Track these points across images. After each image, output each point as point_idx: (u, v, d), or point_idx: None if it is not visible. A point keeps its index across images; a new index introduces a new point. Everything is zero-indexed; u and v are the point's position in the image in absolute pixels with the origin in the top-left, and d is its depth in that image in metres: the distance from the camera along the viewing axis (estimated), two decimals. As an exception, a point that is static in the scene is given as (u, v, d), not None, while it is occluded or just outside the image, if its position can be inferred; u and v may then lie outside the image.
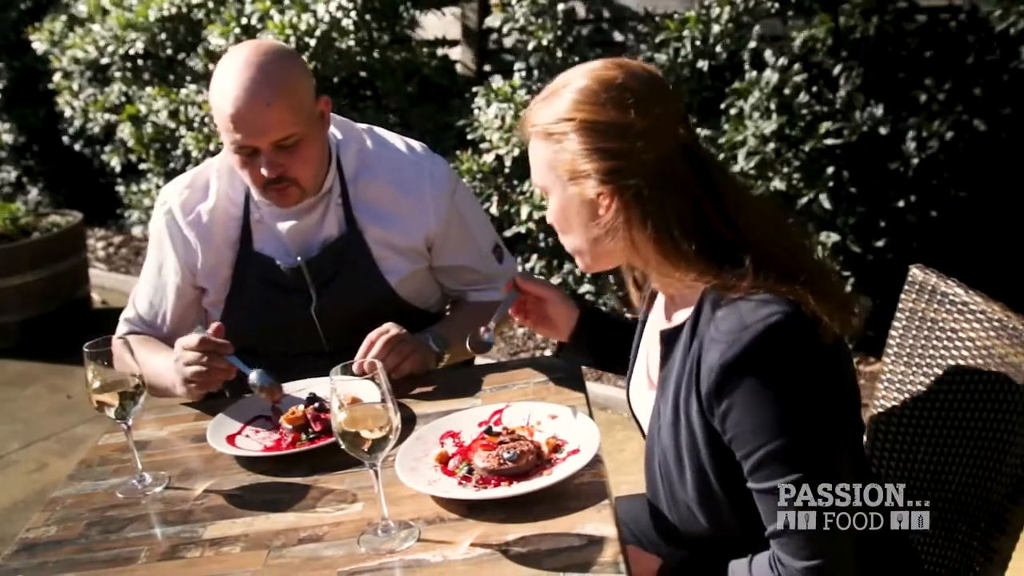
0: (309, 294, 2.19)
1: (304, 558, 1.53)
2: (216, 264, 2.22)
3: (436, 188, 2.23)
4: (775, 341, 1.37)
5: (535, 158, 1.56)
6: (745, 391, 1.38)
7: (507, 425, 1.79)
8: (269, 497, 1.72)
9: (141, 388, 1.76)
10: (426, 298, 2.32)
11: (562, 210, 1.56)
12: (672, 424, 1.52)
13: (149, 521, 1.71)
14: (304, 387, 2.03)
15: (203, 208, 2.21)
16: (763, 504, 1.44)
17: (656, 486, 1.60)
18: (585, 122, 1.47)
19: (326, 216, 2.19)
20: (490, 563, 1.45)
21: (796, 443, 1.39)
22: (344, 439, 1.49)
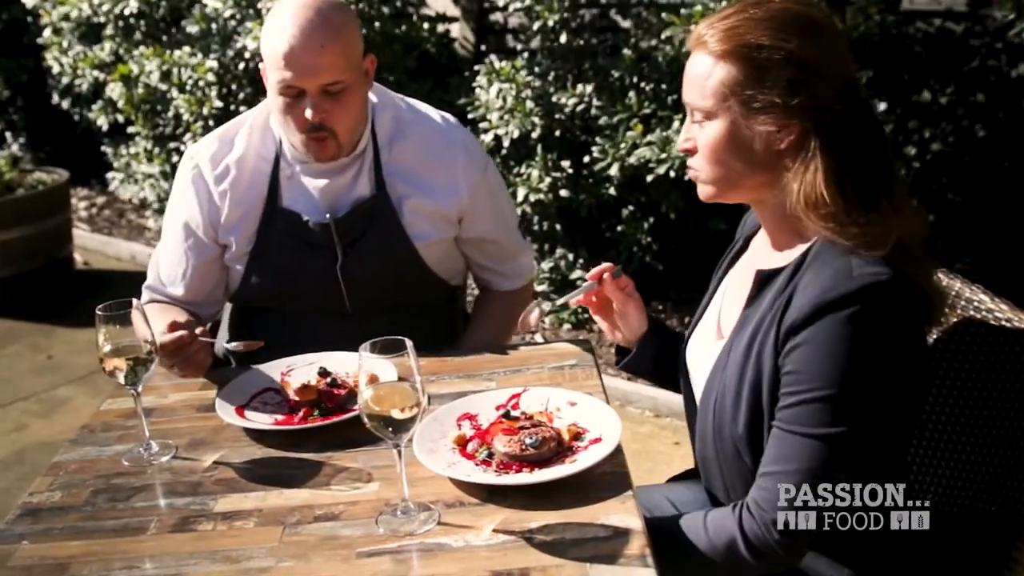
0: (335, 253, 2.17)
1: (321, 536, 1.50)
2: (241, 218, 2.20)
3: (470, 160, 2.24)
4: (874, 298, 1.38)
5: (710, 76, 1.49)
6: (826, 332, 1.38)
7: (525, 410, 1.77)
8: (281, 472, 1.69)
9: (153, 355, 1.72)
10: (450, 268, 2.31)
11: (727, 137, 1.50)
12: (741, 362, 1.51)
13: (157, 491, 1.67)
14: (315, 361, 2.00)
15: (231, 160, 2.20)
16: (781, 446, 1.44)
17: (706, 427, 1.59)
18: (794, 54, 1.44)
19: (358, 177, 2.19)
20: (514, 550, 1.43)
21: (852, 398, 1.39)
22: (370, 418, 1.45)
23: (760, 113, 1.46)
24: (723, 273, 1.77)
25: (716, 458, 1.57)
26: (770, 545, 1.45)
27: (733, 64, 1.47)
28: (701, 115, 1.52)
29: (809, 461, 1.42)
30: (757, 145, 1.49)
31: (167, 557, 1.48)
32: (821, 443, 1.41)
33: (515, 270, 2.40)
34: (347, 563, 1.43)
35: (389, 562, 1.43)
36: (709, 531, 1.50)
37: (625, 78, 4.11)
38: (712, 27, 1.49)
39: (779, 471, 1.44)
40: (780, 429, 1.44)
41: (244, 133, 2.23)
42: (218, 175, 2.20)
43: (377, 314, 2.21)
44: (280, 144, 2.19)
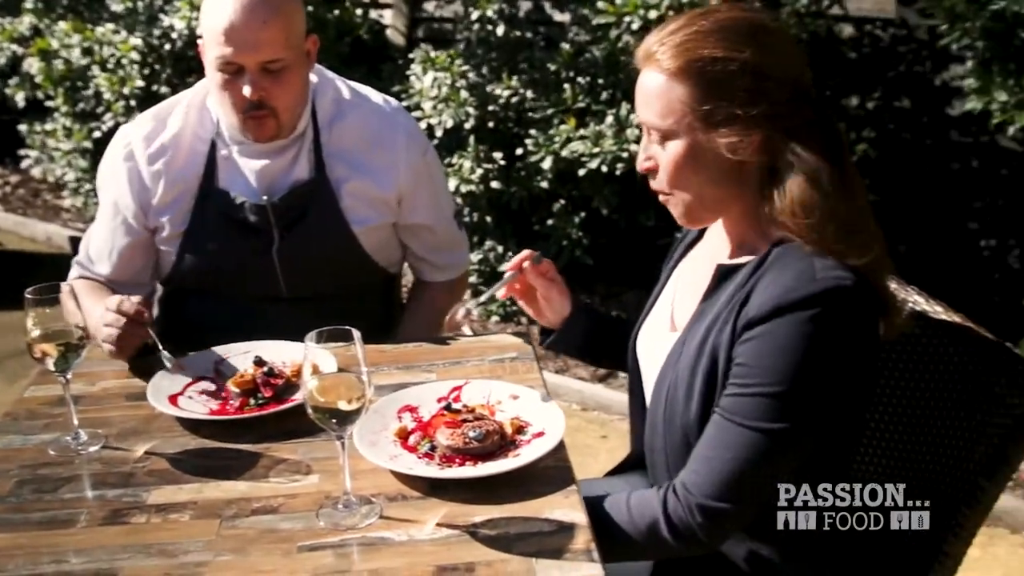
0: (272, 235, 2.14)
1: (260, 530, 1.47)
2: (175, 198, 2.15)
3: (411, 145, 2.22)
4: (836, 302, 1.39)
5: (664, 96, 1.46)
6: (784, 330, 1.39)
7: (467, 403, 1.75)
8: (217, 463, 1.64)
9: (85, 340, 1.66)
10: (387, 255, 2.29)
11: (690, 155, 1.47)
12: (695, 354, 1.51)
13: (87, 482, 1.61)
14: (250, 349, 1.96)
15: (166, 139, 2.16)
16: (719, 433, 1.45)
17: (656, 417, 1.59)
18: (748, 63, 1.43)
19: (297, 159, 2.15)
20: (458, 545, 1.41)
21: (799, 397, 1.41)
22: (315, 409, 1.42)
23: (721, 126, 1.45)
24: (674, 264, 1.77)
25: (664, 448, 1.58)
26: (692, 528, 1.46)
27: (688, 80, 1.44)
28: (659, 135, 1.50)
29: (745, 452, 1.43)
30: (721, 159, 1.47)
31: (98, 551, 1.43)
32: (761, 436, 1.42)
33: (450, 261, 2.39)
34: (287, 557, 1.40)
35: (331, 556, 1.40)
36: (632, 512, 1.50)
37: (561, 72, 4.11)
38: (662, 43, 1.46)
39: (713, 457, 1.45)
40: (722, 417, 1.45)
41: (180, 112, 2.18)
42: (151, 155, 2.15)
43: (313, 300, 2.18)
44: (218, 124, 2.15)
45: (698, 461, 1.47)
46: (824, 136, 1.47)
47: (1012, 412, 1.54)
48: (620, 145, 3.79)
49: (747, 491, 1.44)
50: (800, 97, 1.47)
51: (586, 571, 1.35)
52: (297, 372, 1.85)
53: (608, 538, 1.45)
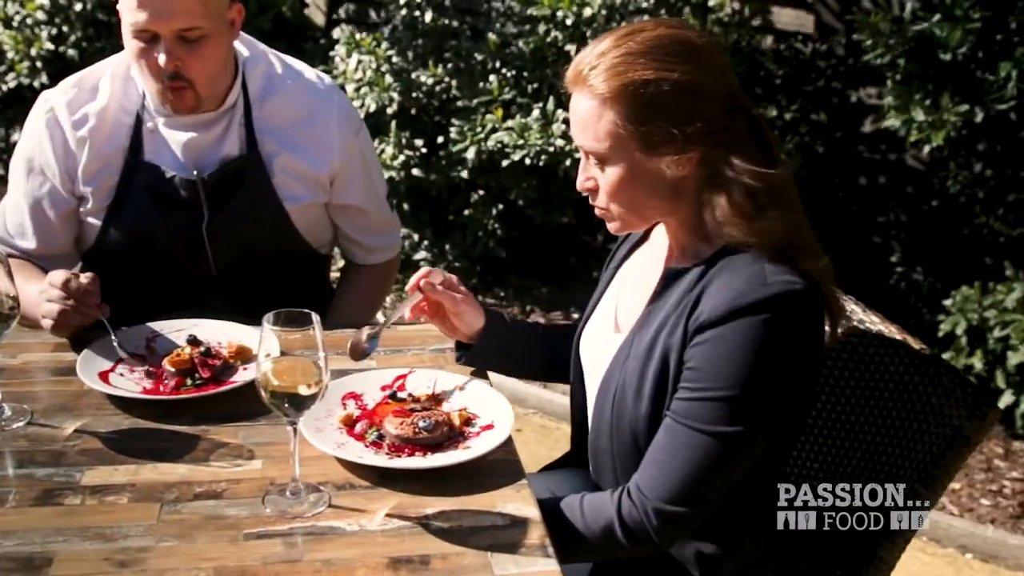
0: (201, 212, 2.07)
1: (204, 515, 1.42)
2: (99, 170, 2.06)
3: (343, 123, 2.17)
4: (787, 306, 1.41)
5: (599, 121, 1.46)
6: (735, 334, 1.40)
7: (412, 392, 1.73)
8: (153, 445, 1.58)
9: (16, 311, 1.58)
10: (319, 235, 2.24)
11: (628, 177, 1.48)
12: (644, 357, 1.51)
13: (13, 460, 1.53)
14: (183, 328, 1.89)
15: (91, 109, 2.06)
16: (671, 437, 1.46)
17: (602, 419, 1.59)
18: (680, 82, 1.42)
19: (227, 133, 2.08)
20: (411, 536, 1.39)
21: (750, 401, 1.42)
22: (271, 393, 1.38)
23: (658, 147, 1.45)
24: (617, 265, 1.77)
25: (610, 449, 1.58)
26: (647, 531, 1.47)
27: (621, 104, 1.44)
28: (597, 159, 1.50)
29: (699, 456, 1.44)
30: (659, 177, 1.48)
31: (31, 533, 1.36)
32: (712, 440, 1.44)
33: (382, 243, 2.35)
34: (235, 545, 1.36)
35: (280, 545, 1.36)
36: (586, 514, 1.51)
37: (487, 62, 4.09)
38: (592, 66, 1.46)
39: (666, 461, 1.46)
40: (674, 421, 1.46)
41: (106, 82, 2.09)
42: (76, 121, 2.06)
43: (242, 279, 2.13)
44: (144, 96, 2.07)
45: (652, 465, 1.47)
46: (759, 143, 1.49)
47: (950, 422, 1.59)
48: (546, 139, 3.79)
49: (701, 494, 1.46)
50: (733, 109, 1.48)
51: (542, 567, 1.35)
52: (236, 353, 1.80)
53: (562, 539, 1.44)
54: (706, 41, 1.52)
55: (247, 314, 1.93)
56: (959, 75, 3.27)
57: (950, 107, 3.15)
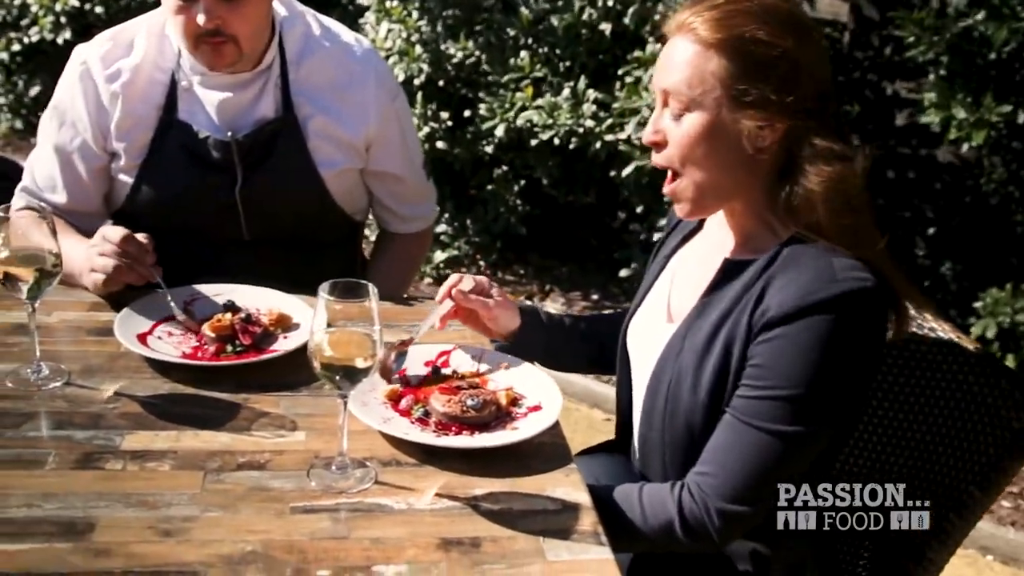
0: (235, 175, 2.02)
1: (248, 486, 1.38)
2: (133, 127, 2.02)
3: (380, 88, 2.12)
4: (857, 304, 1.37)
5: (698, 64, 1.42)
6: (804, 332, 1.37)
7: (456, 369, 1.69)
8: (193, 411, 1.55)
9: (59, 268, 1.54)
10: (354, 201, 2.19)
11: (708, 131, 1.43)
12: (701, 350, 1.47)
13: (51, 420, 1.49)
14: (220, 292, 1.85)
15: (125, 64, 2.02)
16: (733, 435, 1.42)
17: (654, 411, 1.55)
18: (791, 53, 1.39)
19: (262, 95, 2.04)
20: (461, 518, 1.36)
21: (815, 400, 1.39)
22: (325, 365, 1.33)
23: (749, 108, 1.41)
24: (668, 255, 1.72)
25: (661, 440, 1.54)
26: (708, 530, 1.44)
27: (727, 55, 1.41)
28: (680, 105, 1.45)
29: (761, 455, 1.41)
30: (738, 143, 1.43)
31: (72, 497, 1.33)
32: (775, 439, 1.40)
33: (417, 212, 2.31)
34: (281, 518, 1.32)
35: (327, 521, 1.33)
36: (645, 507, 1.48)
37: (519, 38, 4.03)
38: (700, 14, 1.43)
39: (728, 460, 1.42)
40: (736, 419, 1.43)
41: (141, 38, 2.05)
42: (109, 75, 2.02)
43: (273, 244, 2.10)
44: (179, 53, 2.02)
45: (713, 464, 1.44)
46: (840, 131, 1.46)
47: (1009, 425, 1.55)
48: (576, 120, 3.73)
49: (763, 494, 1.43)
50: (825, 94, 1.44)
51: (595, 554, 1.32)
52: (276, 321, 1.76)
53: (615, 529, 1.41)
54: (815, 25, 1.50)
55: (279, 280, 1.90)
56: (1003, 74, 3.21)
57: (992, 106, 3.09)
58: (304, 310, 1.81)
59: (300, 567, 1.24)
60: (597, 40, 3.95)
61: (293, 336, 1.74)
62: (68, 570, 1.20)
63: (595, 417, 3.48)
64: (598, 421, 3.45)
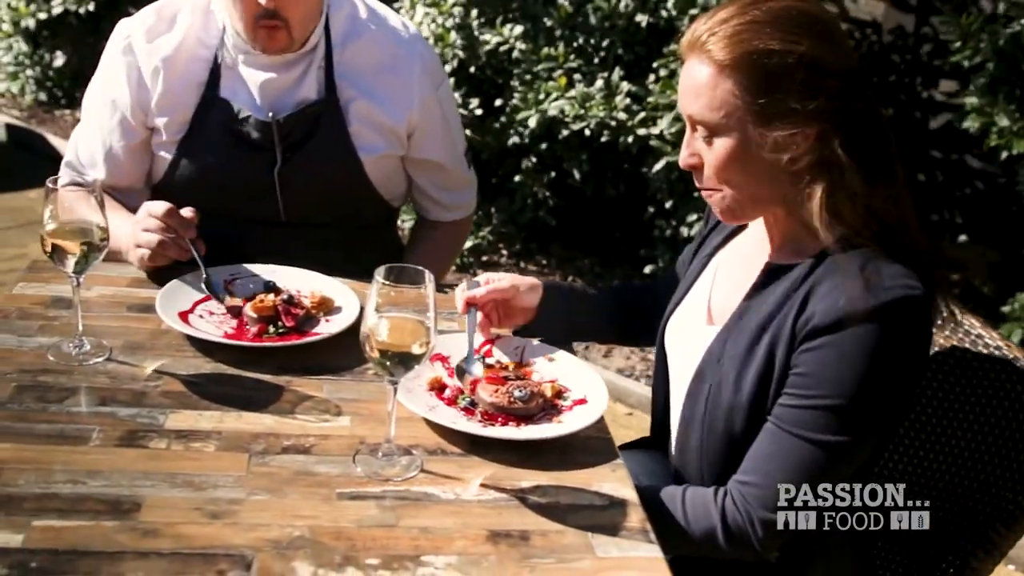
0: (275, 155, 2.01)
1: (294, 470, 1.36)
2: (174, 103, 2.01)
3: (425, 74, 2.10)
4: (905, 312, 1.34)
5: (714, 89, 1.38)
6: (851, 341, 1.34)
7: (500, 359, 1.67)
8: (236, 392, 1.53)
9: (105, 242, 1.52)
10: (392, 188, 2.18)
11: (739, 152, 1.40)
12: (744, 353, 1.45)
13: (95, 396, 1.48)
14: (260, 273, 1.83)
15: (168, 39, 2.01)
16: (776, 445, 1.40)
17: (694, 414, 1.52)
18: (806, 56, 1.35)
19: (306, 76, 2.02)
20: (507, 510, 1.34)
21: (860, 410, 1.36)
22: (381, 351, 1.31)
23: (775, 121, 1.38)
24: (710, 255, 1.69)
25: (700, 442, 1.52)
26: (750, 539, 1.42)
27: (743, 73, 1.37)
28: (707, 131, 1.42)
29: (804, 464, 1.39)
30: (771, 155, 1.40)
31: (117, 475, 1.31)
32: (819, 449, 1.38)
33: (457, 200, 2.29)
34: (328, 504, 1.30)
35: (375, 508, 1.31)
36: (687, 511, 1.46)
37: (555, 27, 4.00)
38: (712, 32, 1.38)
39: (772, 470, 1.40)
40: (779, 428, 1.40)
41: (185, 14, 2.03)
42: (152, 49, 2.01)
43: (310, 227, 2.08)
44: (223, 30, 2.00)
45: (756, 473, 1.41)
46: (875, 129, 1.42)
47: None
48: (609, 112, 3.70)
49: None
50: (854, 88, 1.40)
51: (644, 552, 1.30)
52: (318, 304, 1.74)
53: (657, 529, 1.39)
54: (830, 16, 1.45)
55: (314, 262, 1.89)
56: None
57: (1036, 115, 3.06)
58: (346, 293, 1.79)
59: (349, 554, 1.22)
60: (632, 31, 3.92)
61: (335, 319, 1.72)
62: (116, 549, 1.18)
63: (618, 411, 3.46)
64: (620, 415, 3.43)
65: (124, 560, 1.17)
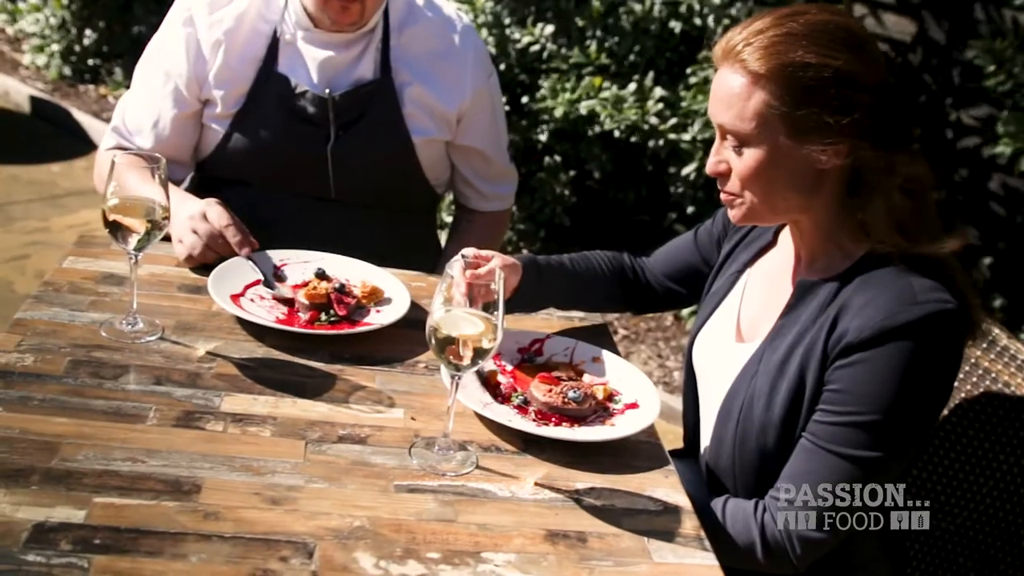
0: (328, 132, 2.03)
1: (351, 460, 1.36)
2: (232, 76, 2.02)
3: (478, 64, 2.14)
4: (938, 327, 1.34)
5: (748, 99, 1.38)
6: (886, 357, 1.34)
7: (551, 358, 1.67)
8: (290, 378, 1.52)
9: (167, 221, 1.51)
10: (438, 173, 2.20)
11: (769, 163, 1.40)
12: (776, 370, 1.45)
13: (150, 376, 1.47)
14: (310, 260, 1.83)
15: (229, 12, 2.03)
16: (812, 461, 1.40)
17: (726, 432, 1.52)
18: (842, 71, 1.35)
19: (363, 56, 2.05)
20: (564, 510, 1.33)
21: (895, 425, 1.36)
22: (443, 341, 1.31)
23: (808, 134, 1.38)
24: (739, 271, 1.67)
25: (732, 459, 1.51)
26: (788, 555, 1.42)
27: (777, 85, 1.37)
28: (738, 140, 1.42)
29: (840, 479, 1.39)
30: (801, 167, 1.40)
31: (175, 455, 1.30)
32: (855, 465, 1.38)
33: (497, 191, 2.31)
34: (386, 495, 1.30)
35: (433, 502, 1.30)
36: (728, 523, 1.46)
37: (587, 28, 3.99)
38: (748, 42, 1.38)
39: (809, 487, 1.40)
40: (814, 444, 1.40)
41: None
42: (213, 23, 2.02)
43: (357, 206, 2.10)
44: (285, 6, 2.03)
45: (793, 489, 1.41)
46: (907, 140, 1.42)
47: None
48: (642, 116, 3.70)
49: (844, 520, 1.40)
50: (888, 103, 1.40)
51: (700, 559, 1.30)
52: (369, 295, 1.74)
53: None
54: (867, 32, 1.45)
55: (359, 240, 1.91)
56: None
57: (1067, 140, 3.06)
58: (395, 284, 1.79)
59: (410, 547, 1.21)
60: (666, 37, 3.91)
61: (385, 310, 1.72)
62: (177, 530, 1.18)
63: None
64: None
65: (186, 541, 1.16)
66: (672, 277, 1.84)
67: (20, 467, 1.23)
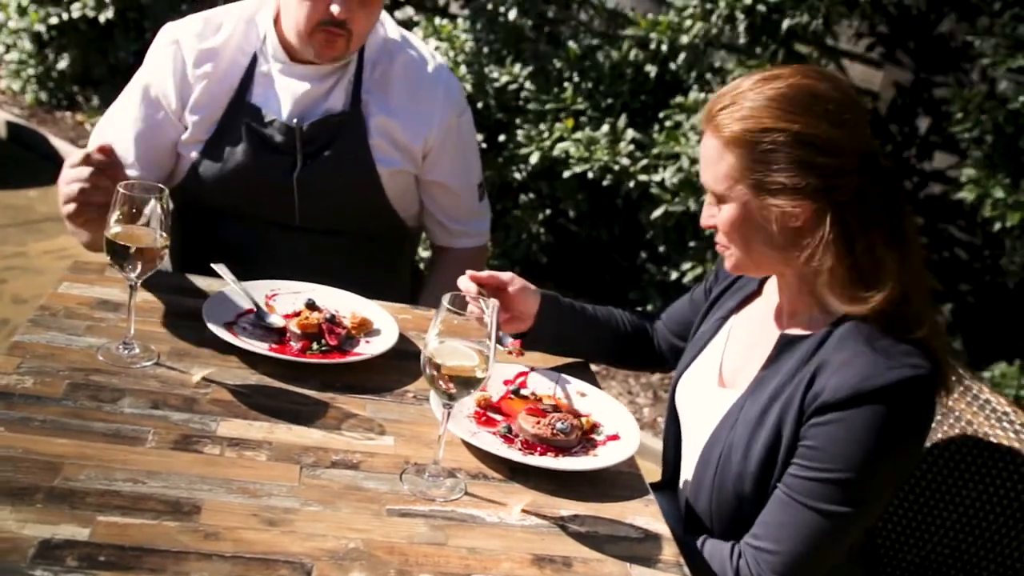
0: (295, 159, 2.09)
1: (344, 484, 1.40)
2: (208, 104, 2.10)
3: (448, 102, 2.20)
4: (911, 391, 1.40)
5: (719, 162, 1.48)
6: (859, 419, 1.40)
7: (535, 390, 1.72)
8: (284, 405, 1.56)
9: (167, 249, 1.55)
10: (406, 205, 2.26)
11: (742, 220, 1.49)
12: (755, 421, 1.51)
13: (147, 400, 1.50)
14: (300, 290, 1.87)
15: (215, 44, 2.11)
16: (784, 513, 1.46)
17: (704, 476, 1.58)
18: (800, 135, 1.42)
19: (334, 89, 2.12)
20: (549, 536, 1.39)
21: (867, 483, 1.43)
22: (437, 371, 1.36)
23: (771, 195, 1.46)
24: (725, 316, 1.74)
25: (709, 503, 1.58)
26: None
27: (739, 149, 1.46)
28: (716, 198, 1.53)
29: (814, 532, 1.46)
30: (772, 225, 1.48)
31: (175, 477, 1.34)
32: (828, 520, 1.45)
33: (464, 229, 2.35)
34: (379, 519, 1.34)
35: (424, 526, 1.35)
36: (707, 562, 1.53)
37: (564, 70, 4.08)
38: (723, 107, 1.47)
39: (782, 538, 1.47)
40: (788, 496, 1.47)
41: (231, 22, 2.13)
42: (199, 55, 2.10)
43: (325, 234, 2.16)
44: (264, 41, 2.11)
45: (768, 540, 1.48)
46: (888, 210, 1.46)
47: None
48: (612, 157, 3.79)
49: (815, 568, 1.48)
50: (861, 168, 1.44)
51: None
52: (359, 325, 1.78)
53: None
54: (841, 96, 1.47)
55: (322, 269, 1.95)
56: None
57: (1031, 190, 3.17)
58: (384, 316, 1.84)
59: (402, 569, 1.26)
60: (641, 81, 4.01)
61: (375, 341, 1.76)
62: (179, 548, 1.21)
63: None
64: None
65: (188, 560, 1.20)
66: (676, 333, 1.92)
67: (24, 486, 1.26)
